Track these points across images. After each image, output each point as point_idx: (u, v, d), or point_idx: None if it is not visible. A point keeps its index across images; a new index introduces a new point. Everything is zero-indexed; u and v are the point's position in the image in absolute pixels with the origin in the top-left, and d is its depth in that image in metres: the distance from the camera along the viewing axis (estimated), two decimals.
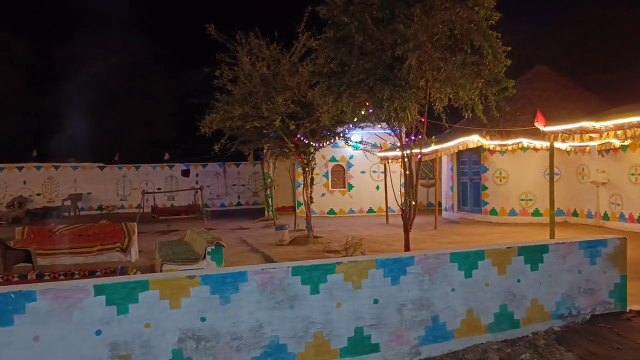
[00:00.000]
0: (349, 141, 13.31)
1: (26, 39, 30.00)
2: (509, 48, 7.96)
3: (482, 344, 4.66)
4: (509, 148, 13.88)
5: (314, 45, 11.07)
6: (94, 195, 24.24)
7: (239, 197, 25.87)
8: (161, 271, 7.66)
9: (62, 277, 5.94)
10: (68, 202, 22.62)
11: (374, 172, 19.49)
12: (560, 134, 9.99)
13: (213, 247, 7.95)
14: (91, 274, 6.09)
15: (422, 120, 8.82)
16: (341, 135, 12.94)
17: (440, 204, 17.08)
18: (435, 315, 4.54)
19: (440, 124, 9.01)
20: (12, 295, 3.47)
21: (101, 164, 24.69)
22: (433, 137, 13.36)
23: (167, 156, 24.64)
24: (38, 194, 23.75)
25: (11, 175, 23.68)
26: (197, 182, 24.55)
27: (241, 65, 11.71)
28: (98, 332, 3.60)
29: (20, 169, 23.84)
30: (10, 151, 27.57)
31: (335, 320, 4.21)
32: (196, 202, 20.51)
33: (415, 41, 7.31)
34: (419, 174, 9.20)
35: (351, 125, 12.36)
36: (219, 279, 3.91)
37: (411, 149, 9.03)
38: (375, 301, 4.34)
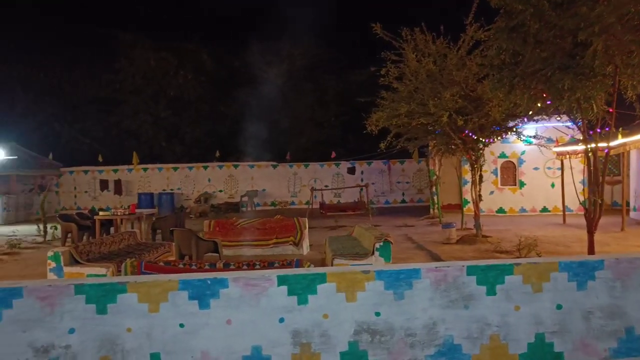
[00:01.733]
0: (521, 136, 12.56)
1: (211, 48, 33.02)
2: None
3: None
4: None
5: (483, 37, 10.64)
6: (268, 191, 26.00)
7: (403, 194, 25.87)
8: (332, 265, 7.96)
9: (245, 266, 6.45)
10: (246, 198, 24.56)
11: (549, 168, 18.16)
12: None
13: (381, 244, 8.05)
14: (270, 265, 6.53)
15: (610, 110, 7.99)
16: (513, 129, 12.27)
17: (627, 204, 15.34)
18: (630, 327, 4.10)
19: (632, 114, 8.08)
20: (209, 282, 3.87)
21: (274, 163, 26.37)
22: (620, 129, 12.06)
23: (333, 155, 25.53)
24: (220, 191, 26.15)
25: (198, 173, 26.39)
26: (362, 180, 25.06)
27: (407, 62, 11.66)
28: (281, 320, 3.86)
29: (205, 168, 26.46)
30: (197, 152, 30.82)
31: (513, 323, 4.02)
32: (362, 199, 20.93)
33: (601, 24, 6.65)
34: (605, 170, 8.37)
35: (525, 119, 11.66)
36: (393, 274, 3.95)
37: (596, 142, 8.24)
38: (559, 307, 4.05)
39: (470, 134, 12.05)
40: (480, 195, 12.64)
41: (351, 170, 25.54)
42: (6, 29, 35.11)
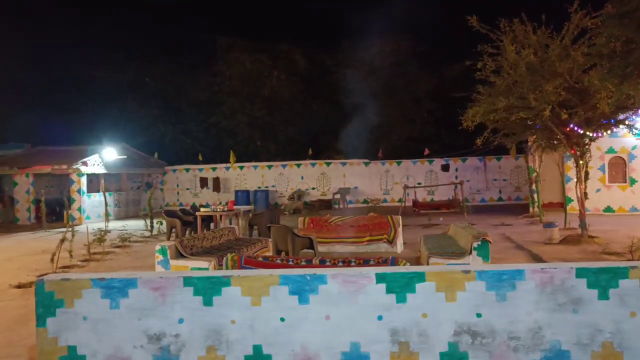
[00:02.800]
0: (633, 129, 11.68)
1: (303, 48, 33.53)
2: None
3: None
4: None
5: (589, 25, 10.01)
6: (360, 189, 26.05)
7: (500, 192, 24.92)
8: (428, 264, 7.84)
9: (340, 263, 6.51)
10: (338, 196, 24.76)
11: None
12: None
13: (479, 243, 7.81)
14: (365, 262, 6.54)
15: None
16: (624, 122, 11.43)
17: None
18: None
19: None
20: (308, 277, 3.95)
21: (366, 160, 26.37)
22: None
23: (426, 151, 25.09)
24: (313, 188, 26.55)
25: (292, 171, 26.98)
26: (456, 177, 24.45)
27: (505, 54, 11.21)
28: (379, 317, 3.86)
29: (298, 165, 26.99)
30: (291, 150, 31.49)
31: (628, 330, 3.75)
32: (456, 197, 20.42)
33: None
34: None
35: (638, 111, 10.83)
36: (495, 275, 3.83)
37: None
38: None
39: (576, 128, 11.38)
40: (585, 193, 11.91)
41: (445, 168, 24.98)
42: (121, 37, 37.83)
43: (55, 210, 21.44)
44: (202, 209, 14.95)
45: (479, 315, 3.81)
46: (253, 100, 33.71)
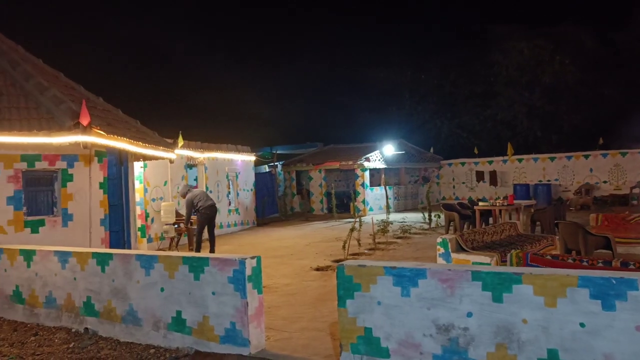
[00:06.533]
0: None
1: (589, 27, 30.17)
2: None
3: None
4: None
5: None
6: None
7: None
8: None
9: None
10: (637, 190, 21.61)
11: None
12: None
13: None
14: None
15: None
16: None
17: None
18: None
19: None
20: (614, 281, 3.54)
21: None
22: None
23: None
24: (604, 182, 23.72)
25: (578, 163, 24.54)
26: None
27: None
28: None
29: (586, 157, 24.40)
30: (576, 140, 28.71)
31: None
32: None
33: None
34: None
35: None
36: None
37: None
38: None
39: None
40: None
41: None
42: (397, 39, 39.84)
43: (343, 202, 23.68)
44: (480, 203, 14.71)
45: None
46: (532, 89, 31.76)
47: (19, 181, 8.51)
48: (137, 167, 13.02)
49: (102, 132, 8.20)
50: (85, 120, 7.83)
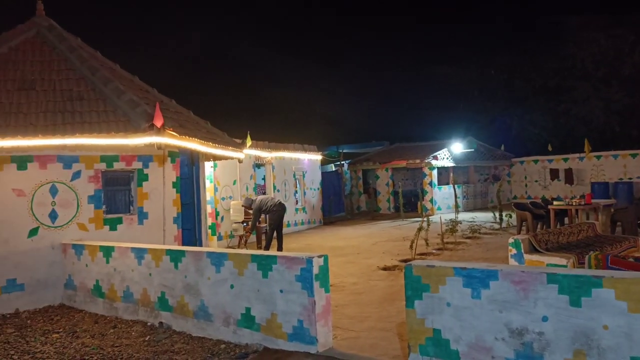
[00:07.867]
0: None
1: None
2: None
3: None
4: None
5: None
6: None
7: None
8: None
9: None
10: None
11: None
12: None
13: None
14: None
15: None
16: None
17: None
18: None
19: None
20: None
21: None
22: None
23: None
24: None
25: None
26: None
27: None
28: None
29: None
30: None
31: None
32: None
33: None
34: None
35: None
36: None
37: None
38: None
39: None
40: None
41: None
42: (462, 35, 38.98)
43: (410, 201, 23.39)
44: (554, 202, 14.11)
45: None
46: (609, 82, 30.12)
47: (99, 181, 8.95)
48: (208, 166, 13.44)
49: (174, 133, 8.53)
50: (159, 122, 8.17)
